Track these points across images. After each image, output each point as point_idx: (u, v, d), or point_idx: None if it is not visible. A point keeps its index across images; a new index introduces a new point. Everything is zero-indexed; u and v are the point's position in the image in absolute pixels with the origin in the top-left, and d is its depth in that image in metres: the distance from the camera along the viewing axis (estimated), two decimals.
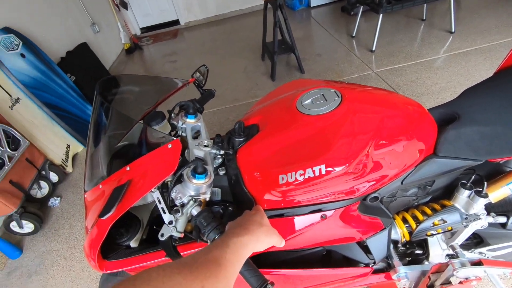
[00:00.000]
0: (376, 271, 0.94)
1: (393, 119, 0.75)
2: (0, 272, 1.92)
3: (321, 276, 0.88)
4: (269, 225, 0.65)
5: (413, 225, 0.87)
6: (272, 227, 0.65)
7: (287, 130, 0.75)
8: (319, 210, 0.73)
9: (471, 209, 0.83)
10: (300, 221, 0.74)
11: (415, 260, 0.98)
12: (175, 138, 0.67)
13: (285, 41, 3.27)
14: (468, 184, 0.83)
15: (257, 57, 3.75)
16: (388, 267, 0.95)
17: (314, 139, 0.71)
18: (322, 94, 0.79)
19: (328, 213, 0.73)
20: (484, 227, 0.88)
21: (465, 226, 0.87)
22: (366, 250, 0.87)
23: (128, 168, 0.69)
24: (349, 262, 0.90)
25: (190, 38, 5.16)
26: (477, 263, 0.70)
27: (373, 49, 3.24)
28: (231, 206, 0.82)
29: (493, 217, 0.91)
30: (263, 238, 0.61)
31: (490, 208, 0.90)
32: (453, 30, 3.22)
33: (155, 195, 0.68)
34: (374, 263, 0.88)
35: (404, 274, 0.86)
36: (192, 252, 0.75)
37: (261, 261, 0.80)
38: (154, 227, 0.88)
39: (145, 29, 5.64)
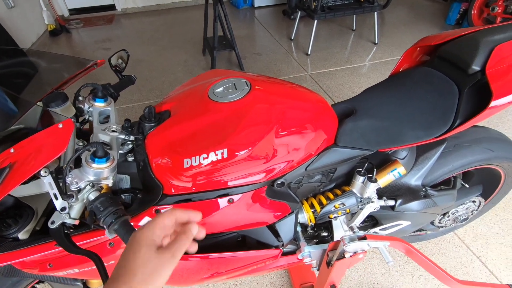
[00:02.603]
0: (286, 254, 1.01)
1: (296, 110, 0.81)
2: None
3: (234, 260, 0.91)
4: (156, 255, 0.45)
5: (318, 209, 0.96)
6: (159, 255, 0.45)
7: (197, 116, 0.76)
8: (227, 195, 0.76)
9: (365, 193, 0.95)
10: (208, 206, 0.76)
11: (322, 241, 1.08)
12: (69, 118, 0.63)
13: (226, 37, 3.28)
14: (362, 171, 0.94)
15: (199, 51, 3.69)
16: (297, 249, 1.03)
17: (221, 125, 0.73)
18: (234, 84, 0.82)
19: (235, 197, 0.76)
20: (377, 209, 1.02)
21: (361, 209, 0.99)
22: (276, 233, 0.93)
23: (12, 150, 0.62)
24: (263, 246, 0.95)
25: (128, 25, 4.82)
26: (363, 238, 0.80)
27: (309, 52, 3.45)
28: (140, 194, 0.80)
29: (384, 200, 1.05)
30: (150, 281, 0.42)
31: (382, 193, 1.04)
32: (376, 42, 3.61)
33: (46, 179, 0.62)
34: (283, 245, 0.94)
35: (307, 253, 0.94)
36: (88, 242, 0.71)
37: None
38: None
39: (74, 11, 5.07)
